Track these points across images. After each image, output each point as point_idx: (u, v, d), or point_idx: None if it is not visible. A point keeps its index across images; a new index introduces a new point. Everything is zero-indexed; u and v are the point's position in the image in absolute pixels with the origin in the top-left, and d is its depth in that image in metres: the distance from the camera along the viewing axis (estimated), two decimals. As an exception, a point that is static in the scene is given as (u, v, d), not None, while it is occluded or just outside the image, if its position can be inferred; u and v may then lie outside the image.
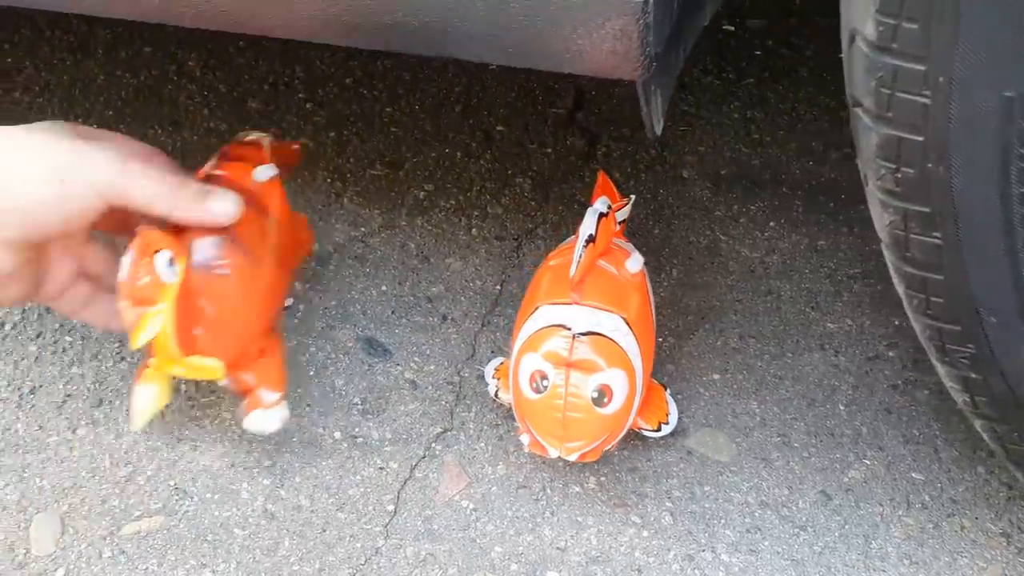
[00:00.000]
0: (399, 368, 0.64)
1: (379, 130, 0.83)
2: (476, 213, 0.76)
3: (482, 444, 0.60)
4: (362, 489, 0.57)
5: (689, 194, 0.78)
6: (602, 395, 0.51)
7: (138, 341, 0.46)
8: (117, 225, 0.51)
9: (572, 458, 0.51)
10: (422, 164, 0.80)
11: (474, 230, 0.75)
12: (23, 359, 0.63)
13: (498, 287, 0.70)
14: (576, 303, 0.52)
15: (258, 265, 0.52)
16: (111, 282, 0.51)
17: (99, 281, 0.53)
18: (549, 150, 0.82)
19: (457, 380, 0.63)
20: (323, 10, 0.42)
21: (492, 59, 0.44)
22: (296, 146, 0.63)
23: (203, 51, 0.91)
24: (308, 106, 0.85)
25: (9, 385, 0.62)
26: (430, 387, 0.63)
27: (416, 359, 0.65)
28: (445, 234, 0.74)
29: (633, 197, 0.62)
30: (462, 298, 0.69)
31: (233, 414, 0.60)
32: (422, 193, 0.77)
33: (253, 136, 0.59)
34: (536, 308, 0.53)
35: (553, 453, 0.51)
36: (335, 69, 0.89)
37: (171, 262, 0.46)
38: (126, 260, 0.45)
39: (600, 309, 0.52)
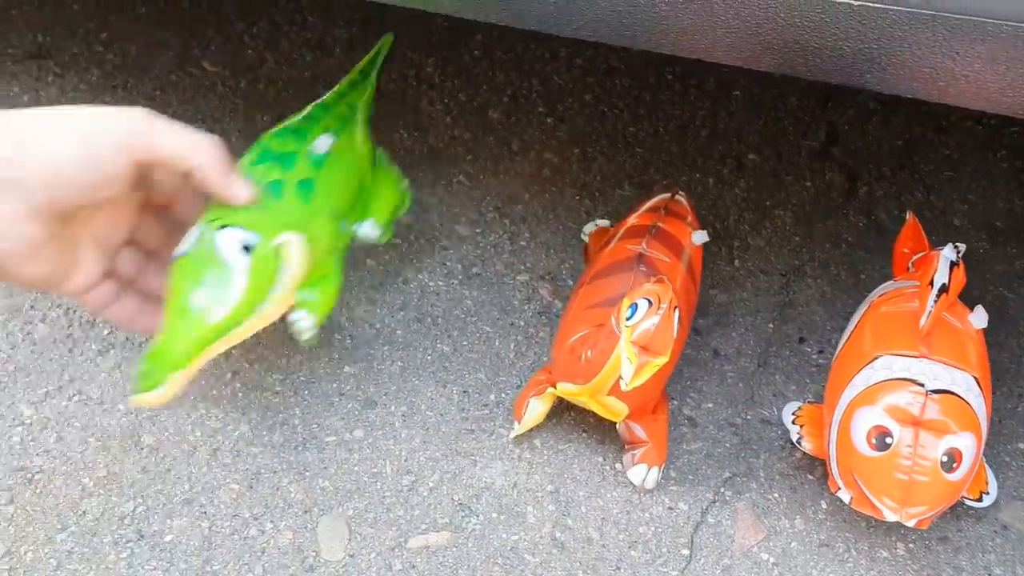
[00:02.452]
0: (675, 403, 0.61)
1: (624, 149, 0.81)
2: (736, 244, 0.73)
3: (775, 494, 0.56)
4: (653, 528, 0.54)
5: (964, 244, 0.73)
6: (951, 460, 0.47)
7: (633, 385, 0.46)
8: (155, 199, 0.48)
9: (911, 524, 0.48)
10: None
11: (736, 261, 0.71)
12: (296, 353, 0.63)
13: (770, 325, 0.67)
14: (925, 356, 0.49)
15: (682, 328, 0.54)
16: (166, 254, 0.48)
17: (156, 254, 0.50)
18: (808, 183, 0.78)
19: (739, 423, 0.60)
20: (756, 32, 0.40)
21: (908, 92, 0.41)
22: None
23: (439, 57, 0.91)
24: (549, 120, 0.84)
25: (285, 380, 0.61)
26: (711, 426, 0.60)
27: (692, 395, 0.62)
28: (705, 263, 0.71)
29: (963, 246, 0.57)
30: (733, 334, 0.66)
31: (508, 431, 0.59)
32: (676, 218, 0.74)
33: (680, 196, 0.62)
34: (875, 357, 0.50)
35: (890, 517, 0.48)
36: (573, 85, 0.88)
37: (679, 319, 0.47)
38: (642, 305, 0.46)
39: (952, 366, 0.48)
